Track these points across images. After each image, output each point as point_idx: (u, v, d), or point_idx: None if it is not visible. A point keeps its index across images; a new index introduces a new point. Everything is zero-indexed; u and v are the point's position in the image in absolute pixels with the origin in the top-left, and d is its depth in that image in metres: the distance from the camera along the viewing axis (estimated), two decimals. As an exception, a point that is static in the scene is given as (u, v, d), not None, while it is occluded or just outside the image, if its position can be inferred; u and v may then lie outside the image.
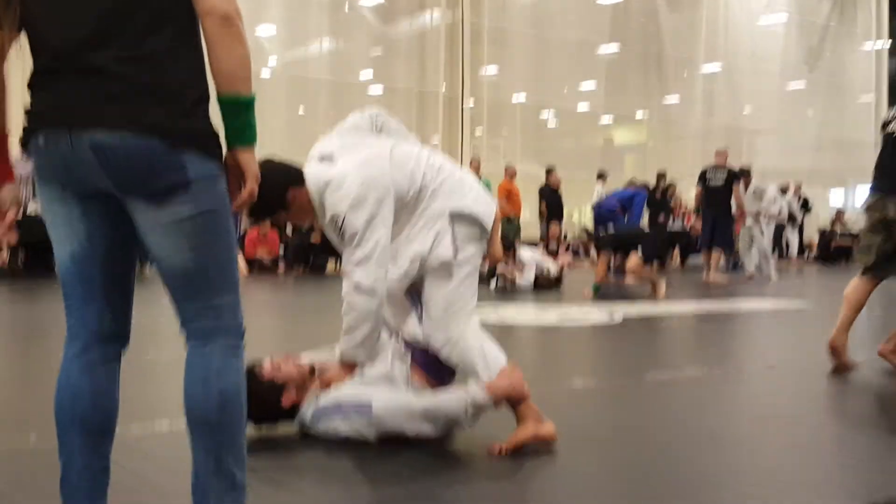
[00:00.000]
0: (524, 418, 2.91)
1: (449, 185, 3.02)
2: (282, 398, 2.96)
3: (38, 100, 1.76)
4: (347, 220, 2.82)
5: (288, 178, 2.94)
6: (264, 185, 2.82)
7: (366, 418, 2.85)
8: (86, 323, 1.87)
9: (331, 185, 2.88)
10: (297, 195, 2.93)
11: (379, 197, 2.85)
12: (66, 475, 1.87)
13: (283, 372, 2.99)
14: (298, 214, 3.00)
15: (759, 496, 2.51)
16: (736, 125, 21.37)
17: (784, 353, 5.76)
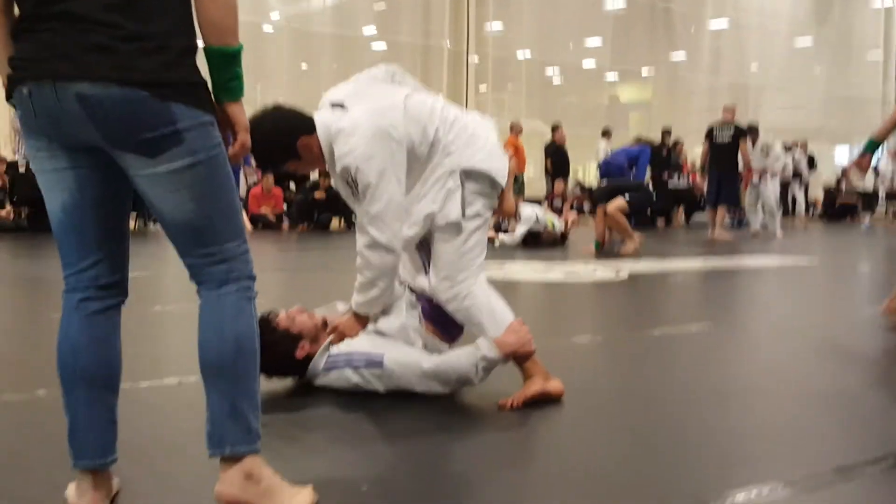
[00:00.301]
0: (531, 374, 2.90)
1: (463, 140, 2.94)
2: (295, 350, 2.94)
3: (21, 49, 1.71)
4: (360, 172, 2.73)
5: (298, 126, 2.84)
6: (274, 132, 2.80)
7: (377, 371, 2.84)
8: (82, 274, 1.85)
9: (342, 135, 2.78)
10: (307, 143, 2.83)
11: (392, 149, 2.77)
12: (73, 429, 1.86)
13: (298, 323, 2.96)
14: (308, 163, 2.93)
15: (769, 448, 2.50)
16: (743, 82, 21.17)
17: (790, 309, 5.75)
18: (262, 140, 2.72)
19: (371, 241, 2.78)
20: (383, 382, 2.86)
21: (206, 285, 1.83)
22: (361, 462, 2.31)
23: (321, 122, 2.85)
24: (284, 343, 2.92)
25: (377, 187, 2.73)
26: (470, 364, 2.81)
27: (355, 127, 2.76)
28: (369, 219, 2.76)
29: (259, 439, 1.85)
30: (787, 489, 2.11)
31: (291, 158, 2.87)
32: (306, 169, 3.02)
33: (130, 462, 2.12)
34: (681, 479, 2.20)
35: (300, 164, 2.91)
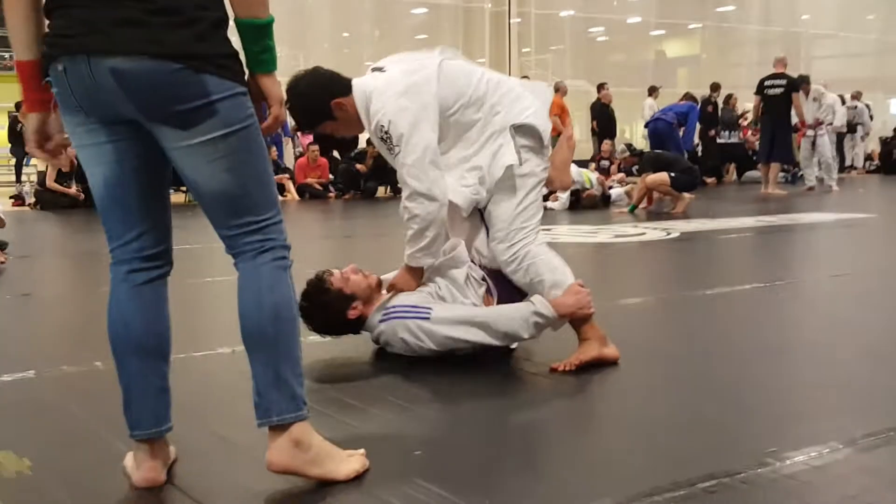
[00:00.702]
0: (588, 338, 2.87)
1: (510, 99, 2.94)
2: (348, 310, 2.95)
3: (55, 26, 1.73)
4: (392, 125, 2.77)
5: (333, 88, 2.89)
6: (310, 93, 2.86)
7: (426, 323, 2.83)
8: (127, 246, 1.87)
9: (375, 93, 2.83)
10: (342, 104, 2.88)
11: (423, 102, 2.80)
12: (127, 399, 1.89)
13: (352, 283, 2.97)
14: (345, 125, 2.95)
15: (827, 403, 2.45)
16: (794, 32, 20.57)
17: (848, 263, 5.61)
18: (297, 99, 2.84)
19: (411, 191, 2.80)
20: (432, 338, 2.84)
21: (243, 257, 1.83)
22: (414, 427, 2.32)
23: (359, 84, 2.90)
24: (338, 303, 2.94)
25: (410, 137, 2.76)
26: (522, 318, 2.79)
27: (388, 84, 2.83)
28: (406, 170, 2.79)
29: (305, 406, 1.85)
30: (847, 448, 2.06)
31: (326, 119, 2.91)
32: (343, 131, 3.01)
33: (188, 428, 2.15)
34: (738, 439, 2.17)
35: (336, 125, 2.94)
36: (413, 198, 2.80)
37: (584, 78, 17.62)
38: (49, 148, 1.87)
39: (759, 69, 20.33)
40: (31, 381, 2.79)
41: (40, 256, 6.56)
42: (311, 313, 2.92)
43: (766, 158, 11.83)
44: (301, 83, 2.89)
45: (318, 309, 2.94)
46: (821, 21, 20.96)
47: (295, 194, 12.42)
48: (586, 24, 19.08)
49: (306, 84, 2.90)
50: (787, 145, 11.94)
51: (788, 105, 11.54)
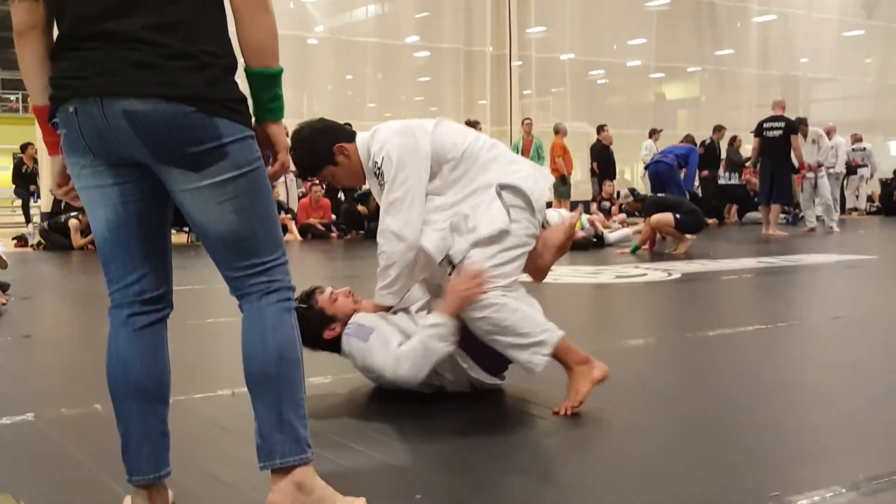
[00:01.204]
0: (573, 369, 2.83)
1: (503, 161, 2.96)
2: (324, 331, 2.99)
3: (64, 68, 1.74)
4: (385, 161, 2.87)
5: (337, 132, 3.01)
6: (314, 138, 2.95)
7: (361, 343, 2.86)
8: (128, 289, 1.87)
9: (376, 133, 2.96)
10: (345, 149, 2.97)
11: (417, 144, 2.88)
12: (126, 444, 1.88)
13: (336, 305, 3.03)
14: (346, 172, 3.02)
15: (828, 445, 2.44)
16: (792, 75, 20.76)
17: (849, 305, 5.61)
18: (300, 143, 2.95)
19: (384, 227, 2.87)
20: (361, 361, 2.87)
21: (248, 298, 1.84)
22: (415, 470, 2.30)
23: (361, 134, 3.02)
24: (315, 321, 2.98)
25: (398, 175, 2.85)
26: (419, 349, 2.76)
27: (388, 127, 2.96)
28: (386, 206, 2.87)
29: (309, 448, 1.85)
30: (850, 492, 2.05)
31: (328, 163, 2.99)
32: (343, 178, 3.08)
33: (187, 472, 2.14)
34: (741, 482, 2.15)
35: (337, 170, 3.02)
36: (384, 234, 2.88)
37: (584, 119, 17.75)
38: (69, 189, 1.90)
39: (758, 111, 20.48)
40: (30, 424, 2.78)
41: (42, 297, 6.56)
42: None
43: (767, 200, 11.86)
44: (306, 128, 3.02)
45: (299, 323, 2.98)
46: (819, 64, 21.15)
47: (297, 234, 12.45)
48: (587, 67, 19.25)
49: (311, 129, 3.01)
50: (787, 187, 11.99)
51: (787, 147, 11.60)
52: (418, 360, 2.77)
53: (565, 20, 18.20)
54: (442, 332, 2.77)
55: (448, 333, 2.78)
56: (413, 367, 2.78)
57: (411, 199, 2.86)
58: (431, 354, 2.77)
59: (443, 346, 2.78)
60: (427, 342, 2.76)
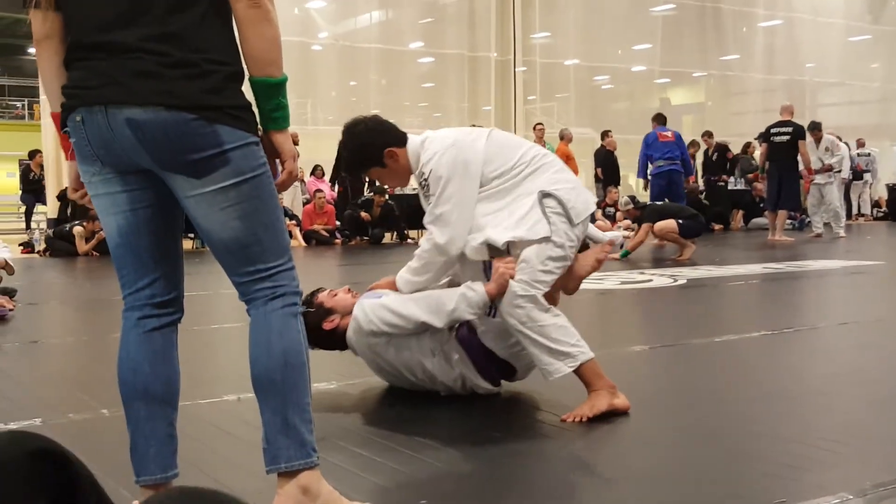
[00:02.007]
0: (597, 388, 2.83)
1: (553, 170, 2.95)
2: (324, 322, 3.05)
3: (73, 78, 1.78)
4: (433, 174, 2.86)
5: (389, 136, 2.97)
6: (366, 137, 2.93)
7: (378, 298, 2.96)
8: (139, 293, 1.90)
9: (427, 141, 2.95)
10: (395, 154, 2.95)
11: (468, 158, 2.87)
12: (134, 445, 1.90)
13: (337, 299, 3.10)
14: (392, 174, 3.02)
15: (834, 452, 2.43)
16: (798, 80, 20.72)
17: (856, 311, 5.59)
18: (352, 140, 2.92)
19: (430, 239, 2.88)
20: (380, 317, 2.92)
21: (254, 303, 1.86)
22: (420, 476, 2.30)
23: (413, 137, 3.00)
24: (315, 315, 3.03)
25: (445, 189, 2.84)
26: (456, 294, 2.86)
27: (440, 137, 2.94)
28: (433, 219, 2.87)
29: (315, 453, 1.85)
30: (857, 499, 2.04)
31: (376, 165, 2.97)
32: (388, 180, 3.08)
33: (192, 478, 2.14)
34: (747, 489, 2.15)
35: (383, 172, 3.00)
36: (429, 241, 2.90)
37: (588, 125, 17.74)
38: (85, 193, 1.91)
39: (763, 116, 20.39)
40: (37, 429, 2.78)
41: (48, 303, 6.58)
42: None
43: (773, 206, 11.84)
44: (360, 125, 2.97)
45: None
46: (825, 69, 21.11)
47: (301, 240, 12.48)
48: (591, 73, 19.24)
49: (365, 127, 2.97)
50: (794, 192, 11.98)
51: (794, 152, 11.57)
52: (434, 306, 2.86)
53: (570, 25, 18.20)
54: (473, 299, 2.84)
55: (477, 303, 2.84)
56: (429, 308, 2.86)
57: (458, 214, 2.84)
58: (452, 311, 2.84)
59: (466, 310, 2.85)
60: (456, 296, 2.84)
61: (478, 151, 2.89)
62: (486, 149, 2.91)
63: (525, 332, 2.82)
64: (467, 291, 2.86)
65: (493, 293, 2.83)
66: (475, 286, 2.86)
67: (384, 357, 3.01)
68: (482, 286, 2.85)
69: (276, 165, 1.89)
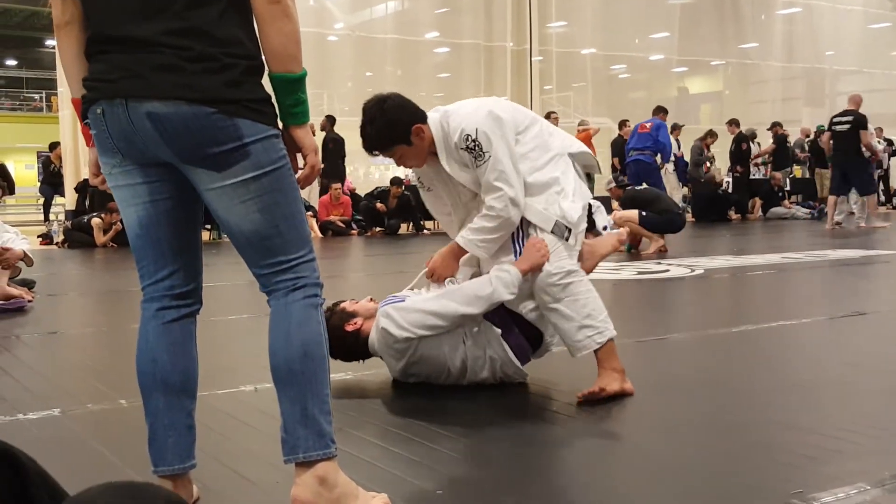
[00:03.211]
0: (609, 369, 2.92)
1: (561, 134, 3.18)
2: (346, 324, 3.08)
3: (94, 70, 1.79)
4: (480, 133, 2.88)
5: (417, 113, 2.97)
6: (395, 114, 2.93)
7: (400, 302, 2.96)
8: (158, 284, 1.91)
9: (449, 112, 2.99)
10: (422, 130, 2.95)
11: (500, 120, 2.93)
12: (152, 435, 1.92)
13: (359, 305, 3.14)
14: (416, 153, 2.99)
15: (853, 442, 2.41)
16: (818, 68, 20.54)
17: (874, 300, 5.55)
18: (382, 116, 2.89)
19: (502, 193, 2.88)
20: (407, 318, 2.91)
21: (275, 294, 1.86)
22: (437, 466, 2.30)
23: (431, 113, 3.02)
24: (337, 318, 3.07)
25: (498, 147, 2.88)
26: (486, 280, 2.90)
27: (462, 105, 3.03)
28: (497, 175, 2.89)
29: (333, 444, 1.86)
30: (875, 489, 2.03)
31: (402, 142, 2.95)
32: (410, 158, 3.04)
33: (209, 468, 2.16)
34: (764, 479, 2.14)
35: (407, 151, 2.98)
36: (502, 199, 2.89)
37: (605, 115, 17.66)
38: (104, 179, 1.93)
39: (782, 105, 20.29)
40: (55, 419, 2.81)
41: (67, 295, 6.63)
42: None
43: (836, 192, 12.28)
44: (388, 101, 2.94)
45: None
46: (844, 57, 20.90)
47: (318, 231, 12.52)
48: (608, 62, 19.14)
49: (394, 104, 2.95)
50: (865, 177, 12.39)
51: (855, 141, 11.91)
52: (470, 296, 2.88)
53: (586, 14, 18.10)
54: (508, 280, 2.87)
55: (513, 283, 2.88)
56: (465, 299, 2.87)
57: (515, 169, 2.92)
58: (490, 295, 2.87)
59: (504, 292, 2.88)
60: (491, 280, 2.87)
61: (506, 110, 3.00)
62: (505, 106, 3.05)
63: (556, 308, 2.92)
64: (500, 273, 2.89)
65: (526, 270, 2.89)
66: (506, 267, 2.90)
67: (414, 362, 3.00)
68: (513, 266, 2.90)
69: (297, 159, 1.89)
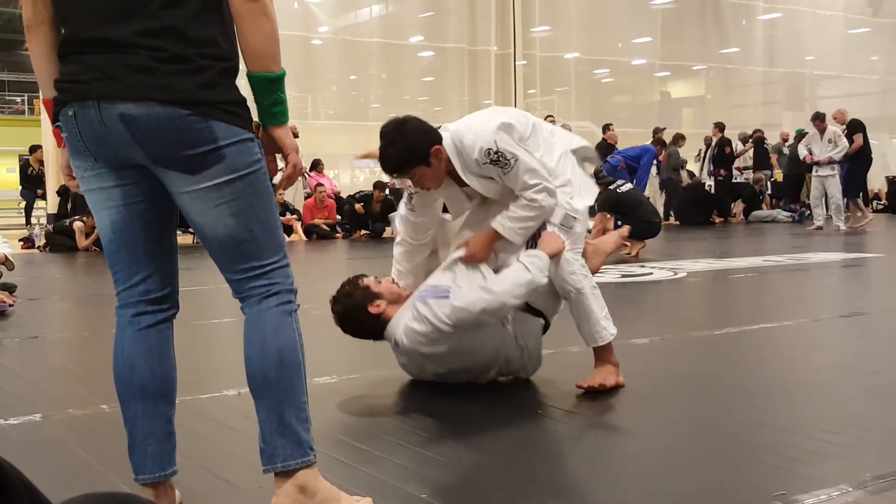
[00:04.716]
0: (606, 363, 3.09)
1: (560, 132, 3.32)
2: (370, 305, 3.05)
3: (66, 71, 1.76)
4: (500, 144, 2.95)
5: (433, 135, 2.99)
6: (414, 136, 2.95)
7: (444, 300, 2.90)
8: (133, 289, 1.88)
9: (461, 129, 3.03)
10: (441, 152, 2.97)
11: (509, 127, 3.04)
12: (132, 443, 1.89)
13: (383, 286, 3.13)
14: (434, 173, 3.00)
15: (835, 444, 2.43)
16: (798, 73, 20.70)
17: (856, 303, 5.59)
18: (403, 138, 2.92)
19: (542, 187, 2.99)
20: (447, 313, 2.87)
21: (248, 301, 1.84)
22: (422, 470, 2.30)
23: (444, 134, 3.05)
24: (362, 295, 3.07)
25: (517, 153, 2.98)
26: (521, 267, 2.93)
27: (471, 120, 3.12)
28: (531, 174, 2.98)
29: (312, 451, 1.84)
30: (857, 491, 2.04)
31: (422, 164, 2.96)
32: (429, 180, 3.03)
33: (193, 472, 2.15)
34: (746, 481, 2.15)
35: (426, 172, 2.99)
36: (541, 191, 2.99)
37: (589, 119, 17.72)
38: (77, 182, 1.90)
39: (763, 109, 20.43)
40: (37, 424, 2.79)
41: (48, 299, 6.58)
42: (337, 299, 3.12)
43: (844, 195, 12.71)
44: (408, 125, 2.96)
45: (343, 298, 3.11)
46: (825, 62, 21.07)
47: (303, 235, 12.48)
48: (591, 66, 19.20)
49: (413, 127, 2.96)
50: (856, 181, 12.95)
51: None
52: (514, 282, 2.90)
53: (570, 19, 18.17)
54: (539, 264, 2.94)
55: (545, 266, 2.96)
56: (509, 288, 2.90)
57: (540, 163, 3.03)
58: (530, 281, 2.92)
59: (541, 276, 2.94)
60: (526, 266, 2.92)
61: (511, 115, 3.14)
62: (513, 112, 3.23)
63: (581, 298, 3.05)
64: (532, 259, 2.95)
65: (553, 253, 3.00)
66: (534, 252, 2.99)
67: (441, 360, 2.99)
68: (540, 250, 2.99)
69: (277, 160, 1.88)
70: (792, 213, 15.44)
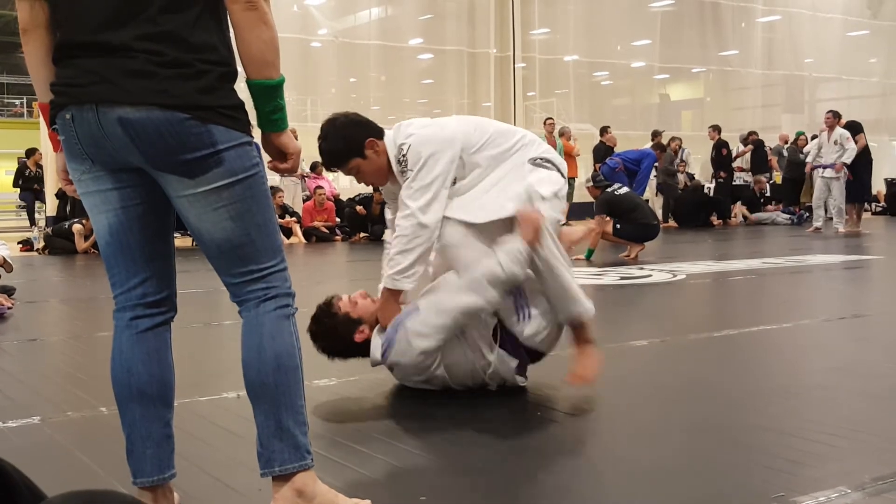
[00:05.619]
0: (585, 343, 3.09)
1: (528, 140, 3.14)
2: (354, 333, 3.01)
3: (63, 75, 1.76)
4: (412, 151, 2.90)
5: (369, 127, 3.03)
6: (347, 128, 2.97)
7: (417, 316, 2.87)
8: (130, 293, 1.88)
9: (401, 126, 3.03)
10: (376, 144, 2.99)
11: (444, 137, 2.95)
12: (130, 447, 1.89)
13: (359, 308, 3.04)
14: (373, 167, 3.02)
15: (834, 446, 2.43)
16: (797, 75, 20.73)
17: (855, 305, 5.59)
18: (334, 132, 2.96)
19: (409, 211, 2.88)
20: (428, 324, 2.84)
21: (246, 305, 1.84)
22: (419, 472, 2.30)
23: (388, 131, 3.05)
24: (345, 327, 3.00)
25: (426, 163, 2.89)
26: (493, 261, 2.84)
27: (414, 121, 3.05)
28: (409, 193, 2.89)
29: (309, 455, 1.84)
30: (856, 493, 2.04)
31: (357, 155, 3.00)
32: (369, 174, 3.06)
33: (192, 476, 2.15)
34: (745, 483, 2.15)
35: (364, 164, 3.01)
36: (408, 218, 2.88)
37: (588, 121, 17.75)
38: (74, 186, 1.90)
39: (762, 112, 20.47)
40: (35, 427, 2.79)
41: (47, 301, 6.58)
42: (318, 336, 3.03)
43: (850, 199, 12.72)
44: (340, 118, 3.03)
45: (325, 332, 3.03)
46: (824, 65, 21.10)
47: (302, 237, 12.48)
48: (590, 69, 19.24)
49: (346, 119, 3.04)
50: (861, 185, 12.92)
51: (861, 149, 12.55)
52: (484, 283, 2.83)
53: (569, 22, 18.20)
54: (515, 254, 2.84)
55: (520, 253, 2.84)
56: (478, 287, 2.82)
57: (437, 187, 2.90)
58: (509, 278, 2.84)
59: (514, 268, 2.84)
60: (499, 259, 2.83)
61: (455, 129, 3.01)
62: (463, 124, 3.05)
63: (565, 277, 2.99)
64: (505, 251, 2.84)
65: (530, 240, 2.87)
66: (508, 240, 2.86)
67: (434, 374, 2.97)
68: (515, 238, 2.86)
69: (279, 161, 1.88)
70: (791, 215, 15.45)
